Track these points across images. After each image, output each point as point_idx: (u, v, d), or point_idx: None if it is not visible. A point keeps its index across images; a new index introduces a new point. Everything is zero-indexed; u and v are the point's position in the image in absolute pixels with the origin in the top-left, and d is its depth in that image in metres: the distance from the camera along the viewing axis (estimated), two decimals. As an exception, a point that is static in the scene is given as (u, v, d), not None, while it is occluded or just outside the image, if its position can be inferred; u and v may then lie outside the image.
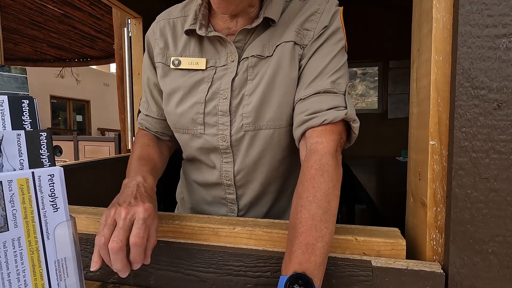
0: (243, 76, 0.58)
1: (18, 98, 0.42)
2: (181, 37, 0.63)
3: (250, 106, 0.57)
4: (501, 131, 0.37)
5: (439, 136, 0.41)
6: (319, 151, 0.50)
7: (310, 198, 0.44)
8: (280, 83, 0.56)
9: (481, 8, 0.36)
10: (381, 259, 0.43)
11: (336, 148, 0.51)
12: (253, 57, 0.57)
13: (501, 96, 0.37)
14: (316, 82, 0.54)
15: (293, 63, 0.56)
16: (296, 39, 0.57)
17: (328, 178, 0.46)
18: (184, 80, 0.61)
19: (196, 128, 0.60)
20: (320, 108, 0.52)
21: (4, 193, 0.35)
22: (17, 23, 3.11)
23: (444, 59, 0.40)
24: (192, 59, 0.61)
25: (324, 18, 0.57)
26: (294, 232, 0.42)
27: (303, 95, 0.55)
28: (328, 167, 0.47)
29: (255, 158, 0.60)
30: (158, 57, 0.64)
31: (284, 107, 0.57)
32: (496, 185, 0.38)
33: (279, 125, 0.58)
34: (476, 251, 0.39)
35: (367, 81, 3.73)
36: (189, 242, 0.50)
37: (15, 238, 0.35)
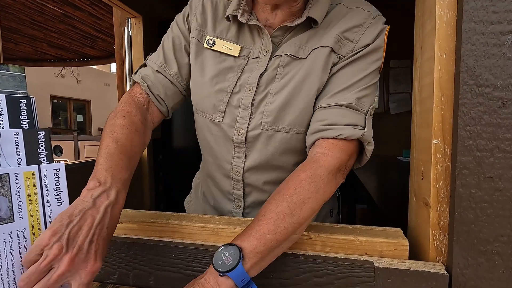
0: (272, 73, 0.56)
1: (16, 97, 0.41)
2: (222, 19, 0.61)
3: (273, 105, 0.55)
4: (506, 129, 0.36)
5: (443, 135, 0.41)
6: (320, 162, 0.49)
7: (286, 197, 0.45)
8: (308, 88, 0.54)
9: (486, 5, 0.36)
10: (383, 259, 0.43)
11: (338, 168, 0.49)
12: (286, 56, 0.56)
13: (506, 94, 0.36)
14: (341, 95, 0.53)
15: (325, 70, 0.54)
16: (334, 46, 0.54)
17: (313, 188, 0.45)
18: (215, 63, 0.59)
19: (215, 115, 0.59)
20: (338, 122, 0.51)
21: (11, 185, 0.36)
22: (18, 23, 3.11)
23: (448, 57, 0.39)
24: (227, 43, 0.59)
25: (368, 34, 0.54)
26: (255, 218, 0.44)
27: (325, 104, 0.53)
28: (319, 179, 0.46)
29: (268, 159, 0.59)
30: (194, 32, 0.62)
31: (307, 113, 0.55)
32: (501, 184, 0.37)
33: (298, 131, 0.56)
34: (481, 252, 0.38)
35: (367, 80, 3.70)
36: (189, 242, 0.50)
37: (20, 229, 0.36)
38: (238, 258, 0.39)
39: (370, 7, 0.57)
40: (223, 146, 0.61)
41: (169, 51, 0.62)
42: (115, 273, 0.51)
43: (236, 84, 0.57)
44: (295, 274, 0.44)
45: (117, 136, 0.49)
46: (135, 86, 0.61)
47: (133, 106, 0.56)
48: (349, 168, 0.53)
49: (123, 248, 0.50)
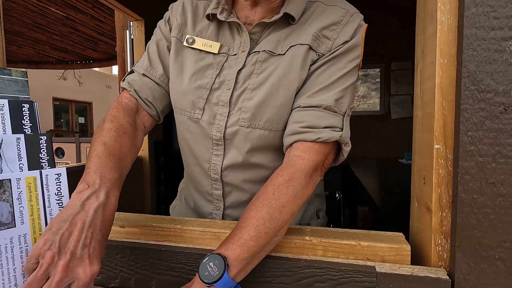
0: (250, 69, 0.57)
1: (18, 102, 0.42)
2: (202, 19, 0.62)
3: (251, 102, 0.55)
4: (508, 135, 0.36)
5: (444, 140, 0.41)
6: (297, 165, 0.50)
7: (265, 202, 0.46)
8: (287, 85, 0.54)
9: (487, 10, 0.36)
10: (385, 264, 0.42)
11: (315, 168, 0.50)
12: (264, 52, 0.56)
13: (507, 100, 0.36)
14: (320, 95, 0.53)
15: (304, 68, 0.55)
16: (312, 44, 0.55)
17: (291, 192, 0.46)
18: (194, 61, 0.60)
19: (194, 112, 0.59)
20: (317, 124, 0.51)
21: (12, 191, 0.36)
22: (20, 26, 3.13)
23: (449, 62, 0.39)
24: (206, 41, 0.60)
25: (346, 32, 0.55)
26: (237, 225, 0.45)
27: (303, 104, 0.54)
28: (297, 183, 0.47)
29: (246, 156, 0.58)
30: (174, 32, 0.63)
31: (285, 110, 0.55)
32: (503, 190, 0.37)
33: (276, 128, 0.56)
34: (483, 257, 0.38)
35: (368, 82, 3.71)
36: (190, 246, 0.50)
37: (21, 234, 0.36)
38: (223, 268, 0.40)
39: (347, 4, 0.58)
40: (202, 144, 0.60)
41: (153, 54, 0.63)
42: (117, 277, 0.51)
43: (215, 81, 0.58)
44: (297, 279, 0.44)
45: (105, 139, 0.49)
46: (123, 92, 0.62)
47: (121, 110, 0.57)
48: (327, 166, 0.54)
49: (125, 252, 0.50)
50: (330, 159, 0.55)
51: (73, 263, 0.36)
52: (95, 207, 0.39)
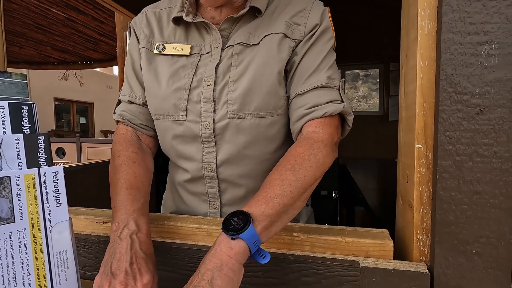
0: (227, 62, 0.58)
1: (18, 104, 0.43)
2: (167, 25, 0.64)
3: (236, 93, 0.56)
4: (484, 135, 0.38)
5: (425, 140, 0.42)
6: (314, 138, 0.52)
7: (288, 166, 0.47)
8: (269, 72, 0.57)
9: (463, 16, 0.38)
10: (369, 259, 0.44)
11: (332, 140, 0.53)
12: (238, 44, 0.58)
13: (483, 101, 0.38)
14: (312, 78, 0.56)
15: (282, 55, 0.57)
16: (286, 32, 0.58)
17: (313, 159, 0.48)
18: (168, 65, 0.61)
19: (177, 114, 0.59)
20: (319, 102, 0.54)
21: (12, 188, 0.37)
22: (22, 27, 3.16)
23: (429, 65, 0.41)
24: (176, 45, 0.61)
25: (314, 16, 0.58)
26: (261, 188, 0.46)
27: (300, 90, 0.56)
28: (317, 151, 0.49)
29: (239, 149, 0.59)
30: (142, 43, 0.64)
31: (271, 97, 0.57)
32: (480, 187, 0.39)
33: (265, 114, 0.58)
34: (461, 252, 0.40)
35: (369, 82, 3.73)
36: (184, 242, 0.52)
37: (21, 229, 0.38)
38: (249, 220, 0.40)
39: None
40: (191, 145, 0.61)
41: (131, 77, 0.65)
42: (112, 272, 0.52)
43: (193, 80, 0.59)
44: (285, 274, 0.46)
45: (119, 176, 0.54)
46: (119, 125, 0.65)
47: (123, 143, 0.60)
48: (339, 140, 0.57)
49: (120, 248, 0.52)
50: (339, 134, 0.58)
51: (127, 279, 0.41)
52: (129, 234, 0.45)
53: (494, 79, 0.37)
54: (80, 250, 0.54)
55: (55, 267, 0.40)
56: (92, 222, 0.57)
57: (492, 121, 0.38)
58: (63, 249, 0.41)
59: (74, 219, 0.57)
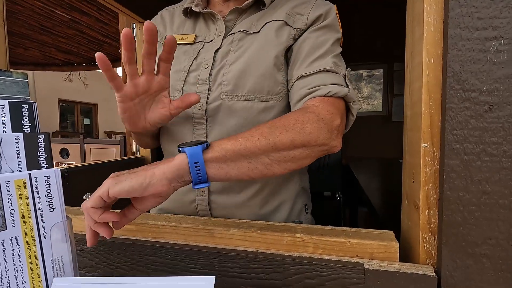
0: (227, 48, 0.59)
1: (18, 102, 0.43)
2: (178, 19, 0.67)
3: (230, 74, 0.57)
4: (493, 133, 0.37)
5: (431, 139, 0.41)
6: (310, 109, 0.49)
7: (270, 123, 0.45)
8: (264, 55, 0.57)
9: (471, 11, 0.36)
10: (373, 261, 0.43)
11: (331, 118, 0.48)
12: (239, 32, 0.59)
13: (492, 99, 0.37)
14: (318, 62, 0.55)
15: (280, 40, 0.57)
16: (287, 20, 0.58)
17: (299, 124, 0.44)
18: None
19: (173, 95, 0.61)
20: (324, 83, 0.53)
21: (2, 194, 0.36)
22: (27, 29, 3.18)
23: (435, 62, 0.40)
24: (183, 35, 0.64)
25: (318, 8, 0.59)
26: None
27: (304, 73, 0.55)
28: (307, 119, 0.45)
29: (230, 132, 0.58)
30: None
31: (266, 79, 0.57)
32: (488, 187, 0.37)
33: (258, 98, 0.57)
34: (469, 254, 0.39)
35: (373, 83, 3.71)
36: (184, 243, 0.51)
37: (13, 237, 0.37)
38: (201, 144, 0.40)
39: None
40: (183, 126, 0.61)
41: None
42: (113, 273, 0.52)
43: (193, 63, 0.60)
44: (287, 275, 0.45)
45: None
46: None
47: None
48: (342, 129, 0.53)
49: (121, 249, 0.51)
50: (343, 123, 0.54)
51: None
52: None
53: (503, 76, 0.36)
54: (80, 250, 0.53)
55: (51, 273, 0.39)
56: (93, 222, 0.56)
57: (501, 119, 0.36)
58: (59, 255, 0.40)
59: (76, 219, 0.57)
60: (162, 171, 0.40)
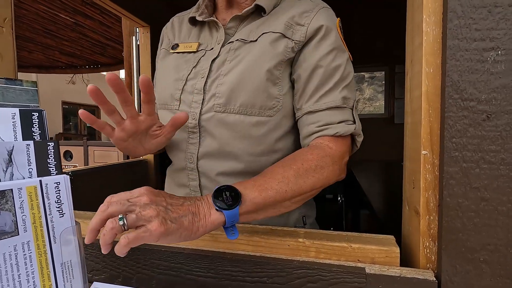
0: (224, 57, 0.60)
1: (28, 110, 0.44)
2: (186, 26, 0.69)
3: (224, 86, 0.57)
4: (491, 141, 0.38)
5: (431, 146, 0.42)
6: (326, 151, 0.52)
7: (294, 167, 0.48)
8: (258, 69, 0.56)
9: (469, 23, 0.37)
10: (375, 266, 0.44)
11: (343, 158, 0.53)
12: (237, 41, 0.59)
13: (490, 108, 0.38)
14: (327, 98, 0.56)
15: (275, 53, 0.57)
16: (285, 32, 0.57)
17: (319, 170, 0.49)
18: (175, 60, 0.65)
19: (172, 104, 0.63)
20: (332, 121, 0.55)
21: (14, 200, 0.37)
22: (31, 32, 3.21)
23: (434, 71, 0.41)
24: (187, 44, 0.66)
25: (319, 18, 0.57)
26: (261, 174, 0.47)
27: (313, 109, 0.56)
28: (325, 164, 0.50)
29: (221, 144, 0.59)
30: (164, 45, 0.70)
31: (259, 94, 0.56)
32: (487, 194, 0.38)
33: (251, 112, 0.57)
34: (468, 260, 0.39)
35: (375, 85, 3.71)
36: (189, 247, 0.52)
37: (25, 242, 0.38)
38: (238, 202, 0.42)
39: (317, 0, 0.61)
40: (180, 135, 0.63)
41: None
42: (119, 276, 0.53)
43: (191, 72, 0.61)
44: (290, 279, 0.46)
45: None
46: None
47: None
48: (347, 161, 0.57)
49: (127, 253, 0.52)
50: (350, 153, 0.59)
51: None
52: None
53: (500, 85, 0.37)
54: (87, 254, 0.54)
55: (61, 277, 0.40)
56: (99, 226, 0.58)
57: (499, 127, 0.37)
58: (68, 259, 0.41)
59: (82, 224, 0.58)
60: (205, 229, 0.41)
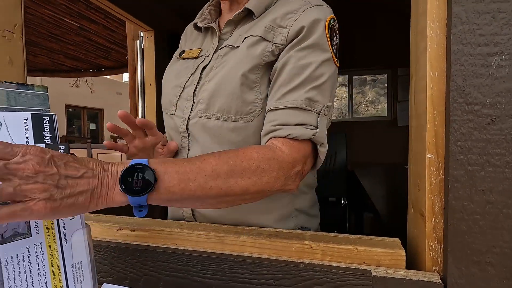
0: (212, 64, 0.61)
1: (40, 115, 0.45)
2: (194, 33, 0.70)
3: (206, 92, 0.58)
4: (496, 145, 0.38)
5: (436, 149, 0.43)
6: (276, 154, 0.46)
7: (231, 162, 0.43)
8: (233, 75, 0.55)
9: (473, 28, 0.38)
10: (381, 268, 0.44)
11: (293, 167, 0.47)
12: (226, 47, 0.60)
13: (494, 112, 0.38)
14: (291, 95, 0.51)
15: (251, 57, 0.54)
16: (265, 35, 0.54)
17: (259, 174, 0.44)
18: (179, 66, 0.67)
19: (171, 109, 0.65)
20: (289, 121, 0.50)
21: None
22: (37, 36, 3.25)
23: (439, 76, 0.42)
24: (191, 50, 0.67)
25: (303, 19, 0.52)
26: (192, 159, 0.42)
27: (274, 106, 0.52)
28: (269, 169, 0.44)
29: (205, 149, 0.60)
30: (176, 51, 0.72)
31: (234, 99, 0.55)
32: (492, 197, 0.39)
33: (228, 118, 0.56)
34: (474, 262, 0.40)
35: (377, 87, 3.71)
36: (196, 249, 0.52)
37: (37, 243, 0.39)
38: (148, 190, 0.36)
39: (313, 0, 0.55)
40: (176, 138, 0.66)
41: None
42: (127, 278, 0.54)
43: (189, 79, 0.63)
44: (296, 282, 0.46)
45: None
46: None
47: None
48: (305, 173, 0.52)
49: (135, 255, 0.53)
50: (309, 165, 0.53)
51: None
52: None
53: (505, 90, 0.38)
54: (96, 256, 0.55)
55: (72, 278, 0.41)
56: (107, 228, 0.58)
57: (504, 131, 0.38)
58: (79, 260, 0.42)
59: (93, 226, 0.59)
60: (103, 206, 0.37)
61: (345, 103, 3.34)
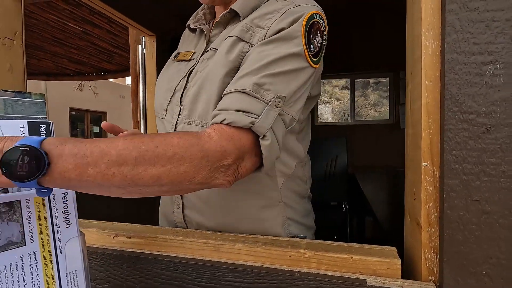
0: (197, 68, 0.60)
1: (37, 122, 0.46)
2: (190, 35, 0.69)
3: (188, 98, 0.58)
4: (491, 154, 0.38)
5: (431, 158, 0.42)
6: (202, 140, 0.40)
7: (143, 147, 0.37)
8: (212, 79, 0.52)
9: (467, 37, 0.38)
10: (376, 278, 0.44)
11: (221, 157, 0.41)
12: (211, 49, 0.58)
13: (489, 121, 0.38)
14: (242, 80, 0.46)
15: (228, 60, 0.51)
16: (242, 35, 0.51)
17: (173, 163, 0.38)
18: (172, 69, 0.66)
19: (162, 113, 0.64)
20: (229, 107, 0.45)
21: (22, 211, 0.38)
22: (41, 41, 3.29)
23: (433, 84, 0.41)
24: (184, 52, 0.66)
25: (284, 19, 0.48)
26: (97, 140, 0.38)
27: (226, 91, 0.49)
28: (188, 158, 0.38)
29: None
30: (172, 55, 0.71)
31: (212, 105, 0.52)
32: (488, 207, 0.38)
33: (207, 124, 0.53)
34: (470, 273, 0.39)
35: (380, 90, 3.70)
36: (191, 257, 0.52)
37: (31, 252, 0.39)
38: (35, 176, 0.32)
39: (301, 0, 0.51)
40: None
41: None
42: (122, 286, 0.54)
43: (179, 83, 0.61)
44: (291, 291, 0.46)
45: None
46: None
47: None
48: (242, 170, 0.45)
49: (130, 262, 0.53)
50: (248, 164, 0.46)
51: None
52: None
53: (500, 99, 0.37)
54: (92, 263, 0.55)
55: (66, 287, 0.41)
56: (104, 235, 0.58)
57: (499, 140, 0.37)
58: (73, 269, 0.42)
59: (87, 232, 0.59)
60: None
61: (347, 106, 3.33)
